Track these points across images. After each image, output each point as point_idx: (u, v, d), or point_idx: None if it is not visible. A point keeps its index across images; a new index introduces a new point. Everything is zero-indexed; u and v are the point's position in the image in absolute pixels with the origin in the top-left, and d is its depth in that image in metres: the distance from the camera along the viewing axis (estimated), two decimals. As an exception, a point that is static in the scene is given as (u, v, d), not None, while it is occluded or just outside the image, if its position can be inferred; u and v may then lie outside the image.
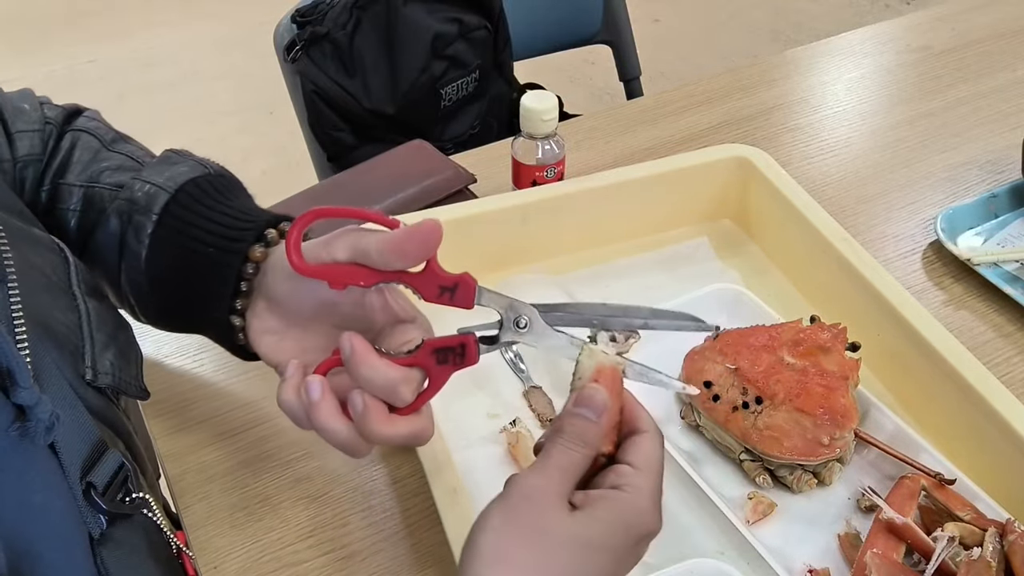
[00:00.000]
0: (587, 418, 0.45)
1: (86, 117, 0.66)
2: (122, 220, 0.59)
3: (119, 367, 0.53)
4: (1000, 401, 0.64)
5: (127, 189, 0.60)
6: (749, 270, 0.84)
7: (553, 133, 0.85)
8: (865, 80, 1.14)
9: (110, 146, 0.64)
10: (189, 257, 0.57)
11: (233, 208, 0.59)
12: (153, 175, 0.60)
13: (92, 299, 0.54)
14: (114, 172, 0.62)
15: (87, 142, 0.64)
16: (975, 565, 0.56)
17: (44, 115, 0.64)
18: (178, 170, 0.60)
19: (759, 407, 0.66)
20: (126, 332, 0.57)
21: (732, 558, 0.62)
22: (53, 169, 0.63)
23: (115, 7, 3.11)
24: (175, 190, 0.58)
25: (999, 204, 0.91)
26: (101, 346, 0.52)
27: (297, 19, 1.26)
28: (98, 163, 0.63)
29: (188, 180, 0.59)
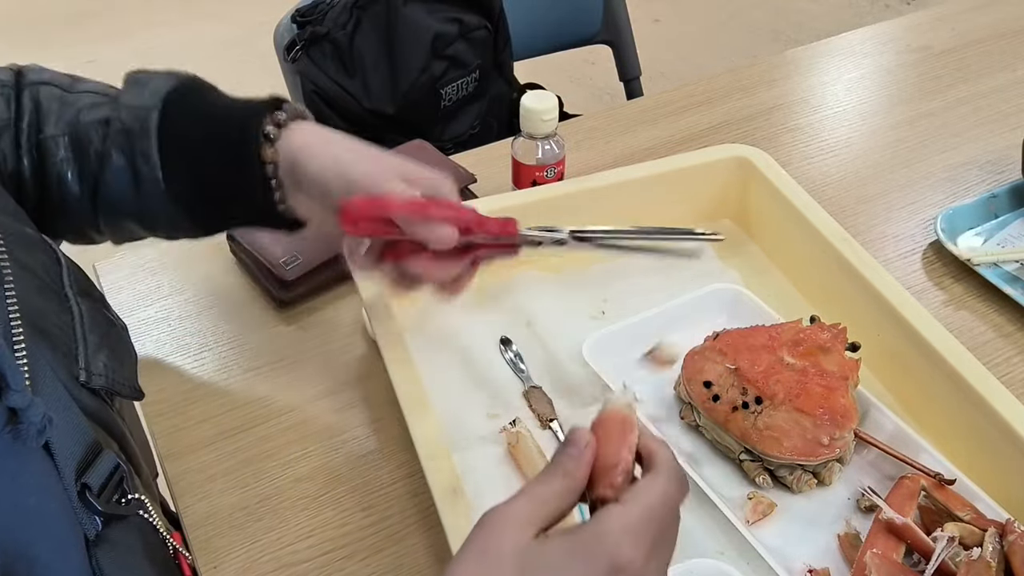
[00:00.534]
0: (569, 453, 0.42)
1: (34, 71, 0.65)
2: (125, 152, 0.59)
3: (112, 368, 0.53)
4: (1000, 401, 0.64)
5: (115, 121, 0.60)
6: (749, 270, 0.84)
7: (553, 133, 0.85)
8: (865, 80, 1.14)
9: (71, 89, 0.64)
10: (202, 161, 0.60)
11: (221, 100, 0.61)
12: (133, 99, 0.60)
13: (85, 300, 0.54)
14: (90, 110, 0.61)
15: (49, 92, 0.63)
16: (975, 565, 0.56)
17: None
18: (154, 85, 0.61)
19: (759, 407, 0.66)
20: (119, 333, 0.57)
21: (732, 558, 0.62)
22: (26, 128, 0.61)
23: (115, 7, 3.11)
24: (161, 104, 0.60)
25: (999, 204, 0.91)
26: (94, 347, 0.52)
27: (297, 19, 1.26)
28: (70, 107, 0.62)
29: (168, 91, 0.60)
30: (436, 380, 0.73)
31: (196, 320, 0.81)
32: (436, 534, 0.64)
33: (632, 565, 0.39)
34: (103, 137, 0.60)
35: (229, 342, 0.79)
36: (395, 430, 0.72)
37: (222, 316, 0.82)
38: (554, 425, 0.70)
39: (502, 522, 0.40)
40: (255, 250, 0.83)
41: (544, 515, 0.41)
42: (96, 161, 0.60)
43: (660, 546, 0.41)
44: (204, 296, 0.84)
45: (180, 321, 0.81)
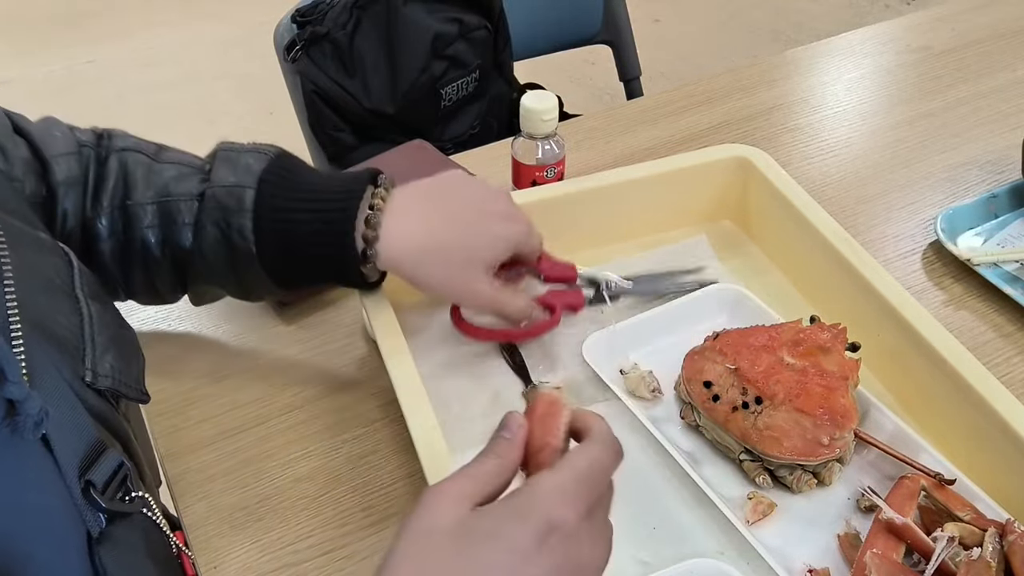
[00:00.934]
0: (502, 436, 0.45)
1: (119, 136, 0.68)
2: (220, 227, 0.62)
3: (119, 370, 0.53)
4: (1000, 401, 0.64)
5: (210, 198, 0.63)
6: (749, 270, 0.84)
7: (553, 133, 0.85)
8: (865, 80, 1.14)
9: (157, 158, 0.66)
10: (298, 239, 0.63)
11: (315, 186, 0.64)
12: (227, 175, 0.63)
13: (95, 303, 0.54)
14: (178, 181, 0.64)
15: (135, 159, 0.65)
16: (975, 565, 0.56)
17: (77, 139, 0.65)
18: (245, 163, 0.64)
19: (759, 407, 0.66)
20: (128, 336, 0.58)
21: (732, 558, 0.62)
22: (110, 192, 0.64)
23: (115, 7, 3.11)
24: (256, 184, 0.63)
25: (999, 204, 0.91)
26: (101, 349, 0.52)
27: (297, 19, 1.26)
28: (157, 176, 0.64)
29: (262, 171, 0.63)
30: (436, 380, 0.73)
31: (196, 320, 0.81)
32: (436, 534, 0.64)
33: (565, 524, 0.40)
34: (196, 211, 0.63)
35: (229, 342, 0.79)
36: (395, 430, 0.72)
37: (222, 316, 0.82)
38: (554, 425, 0.70)
39: (438, 498, 0.42)
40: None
41: (479, 491, 0.42)
42: (187, 232, 0.63)
43: (595, 509, 0.43)
44: (204, 296, 0.84)
45: (180, 322, 0.81)
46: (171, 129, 2.78)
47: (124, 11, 3.09)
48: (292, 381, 0.76)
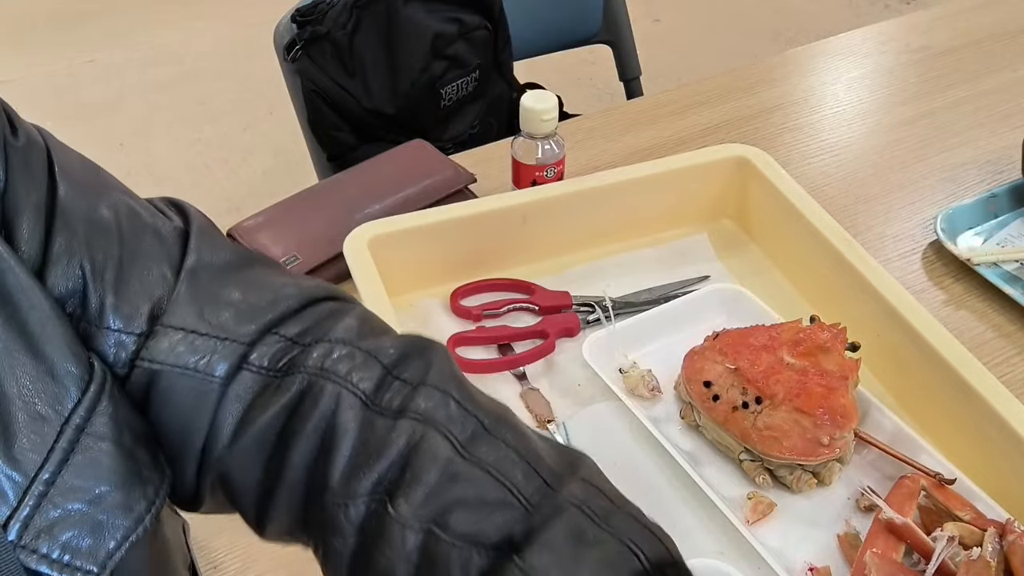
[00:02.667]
0: None
1: (429, 389, 0.42)
2: None
3: (69, 546, 0.36)
4: (1000, 401, 0.64)
5: (474, 560, 0.38)
6: (749, 270, 0.84)
7: (553, 133, 0.85)
8: (865, 80, 1.14)
9: (468, 449, 0.41)
10: None
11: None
12: (543, 557, 0.37)
13: (95, 441, 0.38)
14: (473, 512, 0.39)
15: (435, 447, 0.40)
16: (975, 565, 0.56)
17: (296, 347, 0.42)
18: (588, 557, 0.38)
19: (759, 407, 0.66)
20: (131, 495, 0.39)
21: (732, 558, 0.62)
22: (374, 477, 0.40)
23: (115, 7, 3.11)
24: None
25: (999, 204, 0.91)
26: (54, 511, 0.36)
27: (297, 19, 1.26)
28: (449, 487, 0.40)
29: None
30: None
31: (196, 320, 0.81)
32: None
33: None
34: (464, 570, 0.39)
35: (229, 342, 0.79)
36: (395, 430, 0.72)
37: (222, 316, 0.81)
38: (551, 426, 0.70)
39: None
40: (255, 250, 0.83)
41: None
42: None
43: None
44: (204, 296, 0.84)
45: (180, 321, 0.81)
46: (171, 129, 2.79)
47: (124, 11, 3.09)
48: (292, 381, 0.76)
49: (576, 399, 0.73)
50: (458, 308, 0.79)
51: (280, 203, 0.89)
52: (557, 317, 0.78)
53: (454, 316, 0.79)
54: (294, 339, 0.42)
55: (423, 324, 0.78)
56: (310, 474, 0.41)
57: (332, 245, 0.80)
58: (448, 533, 0.38)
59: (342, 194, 0.90)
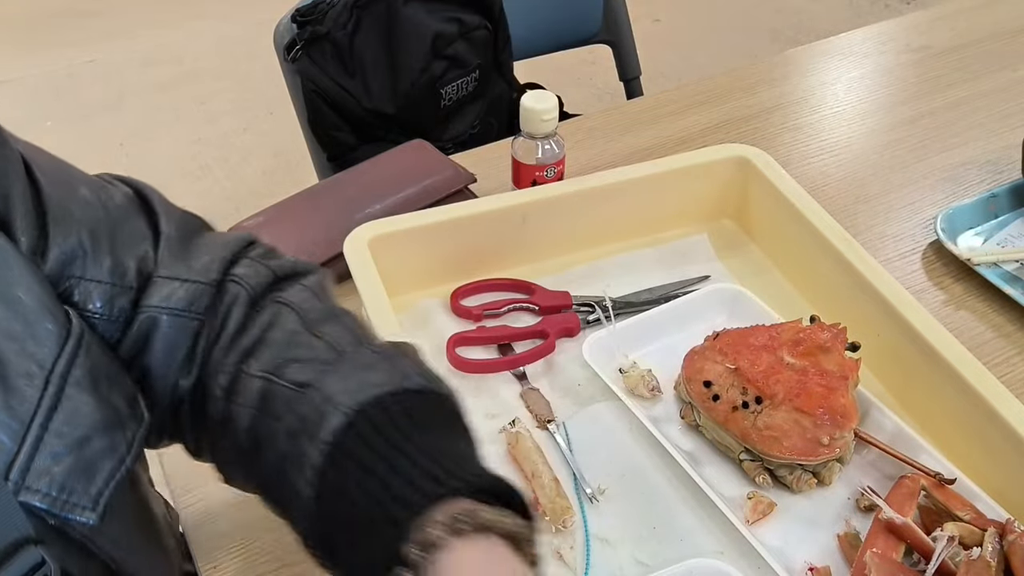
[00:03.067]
0: None
1: (302, 286, 0.54)
2: (291, 440, 0.46)
3: (63, 485, 0.41)
4: (1000, 401, 0.64)
5: (302, 400, 0.47)
6: (749, 270, 0.84)
7: (553, 133, 0.85)
8: (865, 80, 1.14)
9: (313, 328, 0.51)
10: (355, 512, 0.44)
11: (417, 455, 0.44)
12: (336, 382, 0.47)
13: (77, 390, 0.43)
14: (303, 366, 0.49)
15: (286, 320, 0.51)
16: (975, 565, 0.56)
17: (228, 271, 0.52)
18: (369, 379, 0.47)
19: (759, 407, 0.66)
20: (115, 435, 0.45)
21: (732, 558, 0.62)
22: (240, 351, 0.50)
23: (115, 7, 3.11)
24: (355, 412, 0.45)
25: (999, 204, 0.91)
26: (49, 455, 0.41)
27: (297, 19, 1.26)
28: (290, 350, 0.50)
29: (374, 399, 0.45)
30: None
31: (196, 320, 0.81)
32: (436, 534, 0.64)
33: None
34: (286, 405, 0.48)
35: (229, 342, 0.79)
36: (395, 430, 0.72)
37: (222, 316, 0.81)
38: (551, 426, 0.70)
39: None
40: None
41: None
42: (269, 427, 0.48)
43: None
44: (204, 296, 0.84)
45: (180, 321, 0.81)
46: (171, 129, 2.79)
47: (124, 11, 3.09)
48: (292, 381, 0.76)
49: (576, 399, 0.73)
50: (458, 308, 0.79)
51: (280, 203, 0.89)
52: (557, 317, 0.78)
53: (454, 316, 0.79)
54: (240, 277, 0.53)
55: (423, 324, 0.78)
56: (203, 359, 0.51)
57: (332, 245, 0.80)
58: (282, 379, 0.48)
59: (342, 194, 0.90)
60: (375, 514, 0.43)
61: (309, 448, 0.45)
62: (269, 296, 0.53)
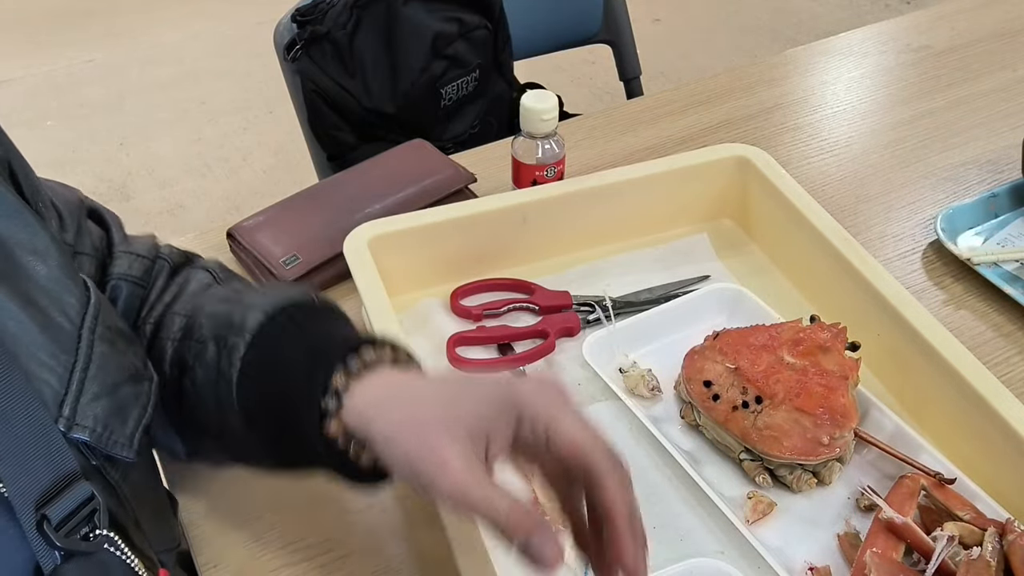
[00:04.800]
0: None
1: (207, 260, 0.66)
2: (218, 344, 0.55)
3: (105, 423, 0.49)
4: (1000, 401, 0.64)
5: (226, 316, 0.56)
6: (749, 270, 0.84)
7: (553, 133, 0.85)
8: (865, 80, 1.14)
9: (222, 281, 0.63)
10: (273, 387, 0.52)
11: (322, 331, 0.54)
12: (254, 298, 0.56)
13: (104, 344, 0.50)
14: (218, 302, 0.58)
15: (200, 277, 0.63)
16: (975, 565, 0.56)
17: (158, 251, 0.63)
18: (279, 293, 0.56)
19: (759, 407, 0.66)
20: (137, 386, 0.52)
21: (732, 558, 0.62)
22: (164, 302, 0.60)
23: (115, 7, 3.11)
24: (273, 310, 0.54)
25: (999, 204, 0.91)
26: (90, 396, 0.48)
27: (297, 18, 1.26)
28: (203, 295, 0.60)
29: (288, 302, 0.55)
30: (436, 380, 0.73)
31: (196, 320, 0.81)
32: (436, 534, 0.64)
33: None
34: (211, 327, 0.57)
35: (229, 342, 0.79)
36: (395, 430, 0.72)
37: (222, 316, 0.81)
38: (554, 425, 0.70)
39: None
40: (255, 250, 0.83)
41: None
42: (195, 348, 0.57)
43: None
44: (204, 296, 0.84)
45: (180, 321, 0.81)
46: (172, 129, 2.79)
47: (124, 11, 3.09)
48: (292, 381, 0.76)
49: (576, 399, 0.73)
50: (458, 308, 0.79)
51: (280, 203, 0.89)
52: (557, 317, 0.78)
53: (454, 316, 0.79)
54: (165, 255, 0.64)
55: (423, 324, 0.78)
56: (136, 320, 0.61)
57: (332, 245, 0.80)
58: (202, 313, 0.58)
59: (342, 194, 0.90)
60: (299, 374, 0.51)
61: (235, 340, 0.54)
62: (184, 267, 0.64)
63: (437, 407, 0.47)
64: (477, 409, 0.47)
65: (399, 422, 0.47)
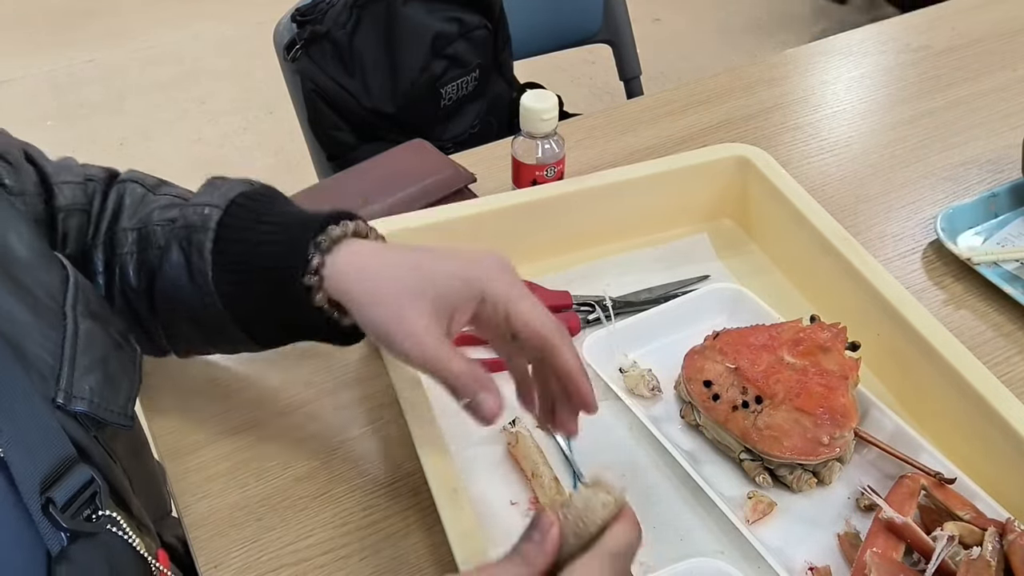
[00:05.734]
0: (532, 539, 0.42)
1: (127, 173, 0.68)
2: (183, 247, 0.59)
3: (100, 393, 0.51)
4: (1000, 401, 0.64)
5: (181, 218, 0.60)
6: (749, 270, 0.84)
7: (553, 132, 0.85)
8: (865, 80, 1.14)
9: (155, 190, 0.65)
10: (251, 268, 0.58)
11: (284, 213, 0.60)
12: (203, 198, 0.61)
13: (88, 321, 0.53)
14: (164, 210, 0.62)
15: (133, 189, 0.65)
16: (975, 564, 0.56)
17: (86, 172, 0.65)
18: (226, 188, 0.61)
19: (759, 406, 0.66)
20: (123, 357, 0.55)
21: (732, 558, 0.62)
22: (107, 221, 0.63)
23: (115, 7, 3.11)
24: (227, 204, 0.59)
25: (999, 203, 0.91)
26: (83, 369, 0.50)
27: (297, 18, 1.26)
28: (147, 205, 0.63)
29: (238, 194, 0.60)
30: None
31: (196, 320, 0.81)
32: (436, 533, 0.64)
33: None
34: (167, 233, 0.60)
35: (229, 342, 0.79)
36: (395, 430, 0.72)
37: (222, 316, 0.81)
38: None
39: None
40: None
41: None
42: (156, 255, 0.61)
43: None
44: (204, 296, 0.84)
45: (180, 321, 0.81)
46: (171, 129, 2.78)
47: (124, 11, 3.09)
48: (292, 381, 0.76)
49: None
50: None
51: (280, 203, 0.89)
52: (557, 316, 0.78)
53: None
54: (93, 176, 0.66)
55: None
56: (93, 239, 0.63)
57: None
58: (151, 223, 0.61)
59: (342, 194, 0.90)
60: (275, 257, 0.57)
61: (199, 238, 0.58)
62: (111, 183, 0.66)
63: (408, 281, 0.55)
64: (445, 285, 0.55)
65: (372, 292, 0.55)
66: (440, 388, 0.55)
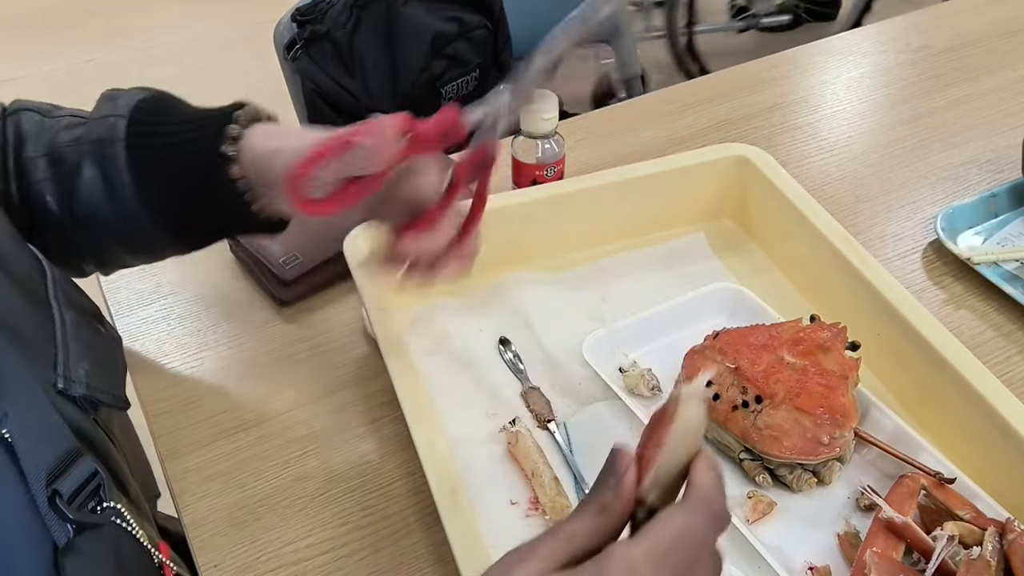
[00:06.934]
0: (608, 484, 0.38)
1: (14, 102, 0.67)
2: (96, 162, 0.60)
3: (94, 376, 0.53)
4: (1000, 400, 0.64)
5: (87, 134, 0.61)
6: (749, 270, 0.84)
7: (553, 132, 0.85)
8: (865, 79, 1.14)
9: (50, 114, 0.65)
10: (169, 166, 0.60)
11: (189, 109, 0.62)
12: (103, 111, 0.62)
13: (71, 311, 0.54)
14: (68, 130, 0.62)
15: (28, 117, 0.64)
16: (975, 564, 0.56)
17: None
18: (125, 99, 0.62)
19: (759, 406, 0.66)
20: (107, 344, 0.58)
21: (732, 558, 0.62)
22: (11, 153, 0.63)
23: (115, 7, 3.11)
24: (129, 113, 0.61)
25: (999, 203, 0.91)
26: (76, 356, 0.52)
27: (297, 18, 1.26)
28: (48, 130, 0.63)
29: (138, 101, 0.62)
30: (435, 380, 0.73)
31: (196, 320, 0.81)
32: (436, 533, 0.64)
33: None
34: (76, 152, 0.61)
35: (229, 341, 0.79)
36: (395, 430, 0.72)
37: (222, 316, 0.82)
38: (551, 425, 0.70)
39: (518, 557, 0.36)
40: (255, 250, 0.83)
41: (569, 552, 0.36)
42: (70, 176, 0.61)
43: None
44: (204, 296, 0.84)
45: (180, 321, 0.81)
46: (171, 129, 2.74)
47: (124, 11, 3.09)
48: (292, 381, 0.76)
49: (576, 399, 0.73)
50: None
51: (280, 203, 0.89)
52: (459, 154, 0.65)
53: (454, 311, 0.79)
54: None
55: (424, 324, 0.78)
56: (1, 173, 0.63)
57: (332, 244, 0.80)
58: (57, 145, 0.62)
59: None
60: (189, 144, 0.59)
61: (111, 151, 0.60)
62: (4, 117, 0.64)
63: (308, 137, 0.57)
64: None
65: (278, 150, 0.58)
66: (440, 388, 0.55)
